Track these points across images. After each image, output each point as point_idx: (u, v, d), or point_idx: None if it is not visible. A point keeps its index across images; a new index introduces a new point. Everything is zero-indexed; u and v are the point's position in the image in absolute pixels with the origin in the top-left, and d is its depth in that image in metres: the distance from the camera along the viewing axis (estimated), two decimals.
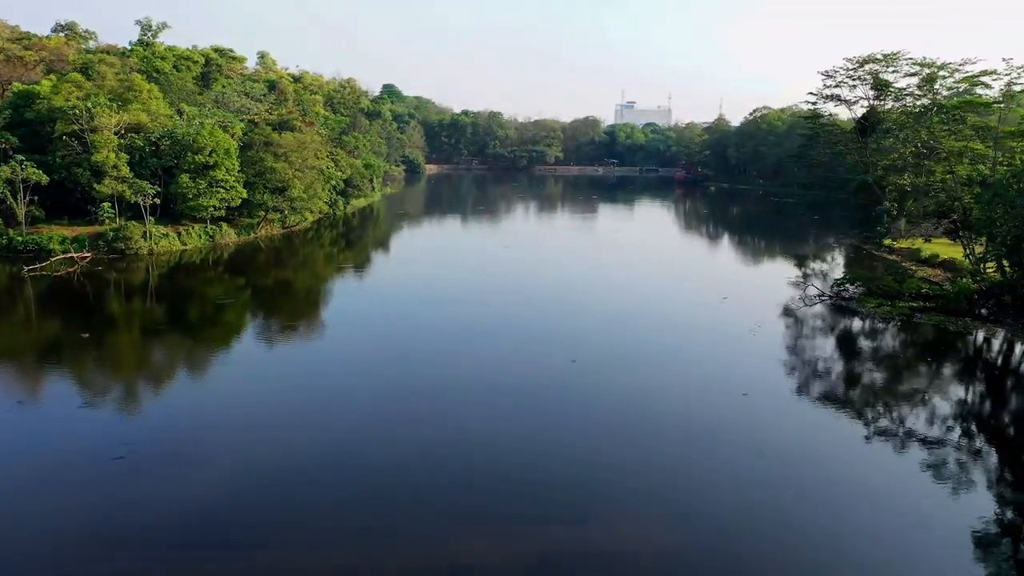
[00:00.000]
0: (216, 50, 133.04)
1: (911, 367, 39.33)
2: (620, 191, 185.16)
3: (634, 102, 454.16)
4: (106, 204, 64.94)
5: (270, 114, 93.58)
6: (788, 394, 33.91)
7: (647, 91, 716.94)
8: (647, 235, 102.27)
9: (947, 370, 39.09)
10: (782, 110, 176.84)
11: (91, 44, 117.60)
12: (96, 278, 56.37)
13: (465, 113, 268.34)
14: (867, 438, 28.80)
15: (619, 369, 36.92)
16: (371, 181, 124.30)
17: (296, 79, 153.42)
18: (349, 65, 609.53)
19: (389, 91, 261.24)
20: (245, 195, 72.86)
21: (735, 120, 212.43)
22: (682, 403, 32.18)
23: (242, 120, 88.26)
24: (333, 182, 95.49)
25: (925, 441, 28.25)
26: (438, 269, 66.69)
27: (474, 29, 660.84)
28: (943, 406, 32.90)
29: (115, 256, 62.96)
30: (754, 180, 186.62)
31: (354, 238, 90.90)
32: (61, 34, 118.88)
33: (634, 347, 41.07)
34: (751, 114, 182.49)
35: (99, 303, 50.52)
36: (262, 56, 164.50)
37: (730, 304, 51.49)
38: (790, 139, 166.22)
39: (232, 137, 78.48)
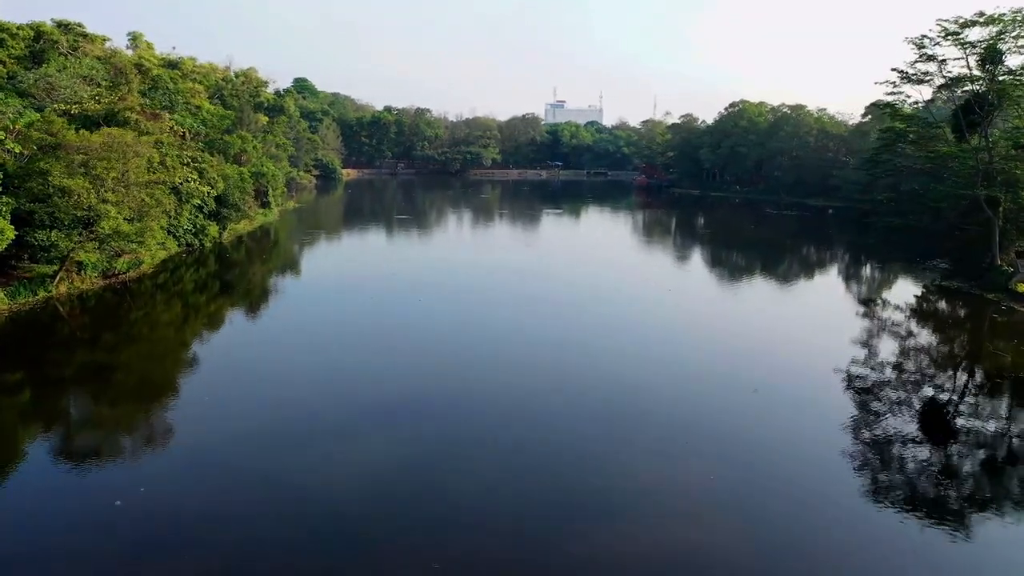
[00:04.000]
0: (60, 24, 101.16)
1: None
2: (575, 199, 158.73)
3: (564, 101, 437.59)
4: None
5: (98, 103, 63.28)
6: None
7: (576, 90, 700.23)
8: (652, 268, 74.82)
9: None
10: (760, 103, 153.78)
11: None
12: None
13: (388, 110, 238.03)
14: None
15: None
16: (265, 194, 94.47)
17: (173, 65, 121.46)
18: (260, 58, 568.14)
19: (301, 85, 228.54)
20: (13, 235, 42.82)
21: (671, 119, 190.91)
22: None
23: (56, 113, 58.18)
24: (196, 201, 65.67)
25: None
26: (360, 353, 38.40)
27: (396, 19, 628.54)
28: None
29: None
30: (730, 186, 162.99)
31: (232, 280, 61.46)
32: None
33: None
34: (727, 109, 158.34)
35: None
36: (133, 37, 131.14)
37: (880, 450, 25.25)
38: (774, 138, 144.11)
39: (12, 136, 48.58)
